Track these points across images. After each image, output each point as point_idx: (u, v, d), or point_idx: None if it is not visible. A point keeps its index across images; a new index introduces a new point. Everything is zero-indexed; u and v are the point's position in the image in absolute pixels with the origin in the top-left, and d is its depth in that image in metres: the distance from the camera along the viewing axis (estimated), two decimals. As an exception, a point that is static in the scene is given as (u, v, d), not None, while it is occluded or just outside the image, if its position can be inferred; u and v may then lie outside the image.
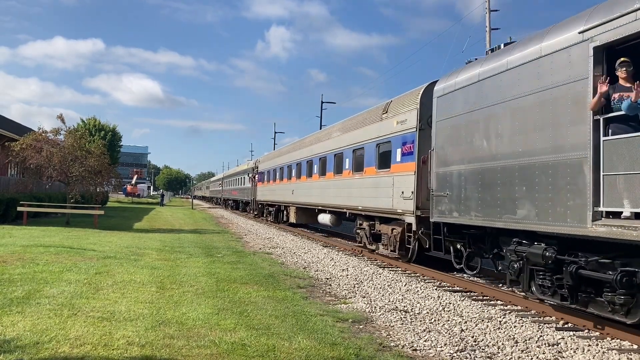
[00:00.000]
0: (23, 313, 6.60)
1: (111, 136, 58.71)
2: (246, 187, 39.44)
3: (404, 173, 12.59)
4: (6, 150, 23.63)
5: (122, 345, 5.46)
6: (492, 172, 8.50)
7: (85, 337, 5.66)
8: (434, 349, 6.11)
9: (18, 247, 13.05)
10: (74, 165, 22.01)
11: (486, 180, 8.65)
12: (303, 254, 15.03)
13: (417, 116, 12.16)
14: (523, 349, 6.24)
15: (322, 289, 9.63)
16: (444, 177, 10.08)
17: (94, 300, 7.55)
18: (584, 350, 6.26)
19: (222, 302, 7.81)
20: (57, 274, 9.53)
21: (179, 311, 7.10)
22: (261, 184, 33.05)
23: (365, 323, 7.17)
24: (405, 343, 6.27)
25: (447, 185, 9.92)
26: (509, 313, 8.10)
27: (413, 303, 8.64)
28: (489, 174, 8.58)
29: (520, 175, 7.84)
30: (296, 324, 6.76)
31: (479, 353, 5.99)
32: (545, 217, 7.25)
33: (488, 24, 28.98)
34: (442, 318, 7.65)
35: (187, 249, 14.85)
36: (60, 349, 5.26)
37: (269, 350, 5.56)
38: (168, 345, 5.53)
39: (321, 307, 7.94)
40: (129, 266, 10.88)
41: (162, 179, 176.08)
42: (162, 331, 6.06)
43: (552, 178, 7.16)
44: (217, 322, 6.59)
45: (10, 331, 5.80)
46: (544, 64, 7.47)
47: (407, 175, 12.33)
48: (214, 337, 5.91)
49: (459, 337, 6.62)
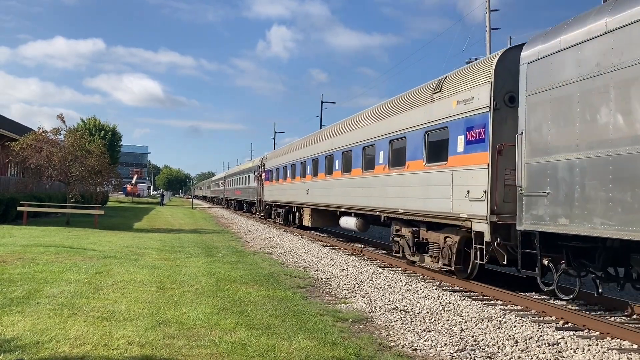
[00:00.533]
0: (23, 313, 6.60)
1: (111, 136, 58.73)
2: (251, 187, 36.69)
3: (470, 167, 9.89)
4: (6, 150, 23.62)
5: (122, 345, 5.46)
6: (636, 162, 6.20)
7: (85, 337, 5.66)
8: (434, 348, 6.11)
9: (18, 247, 13.05)
10: (74, 165, 22.03)
11: (624, 174, 6.33)
12: (303, 254, 15.02)
13: (490, 92, 9.43)
14: (523, 348, 6.24)
15: (322, 289, 9.63)
16: (542, 170, 7.73)
17: (94, 300, 7.55)
18: (584, 350, 6.26)
19: (222, 302, 7.81)
20: (57, 273, 9.53)
21: (179, 311, 7.10)
22: (269, 182, 30.06)
23: (365, 323, 7.17)
24: (405, 343, 6.27)
25: (548, 182, 7.58)
26: (509, 313, 8.10)
27: (413, 303, 8.64)
28: (630, 165, 6.26)
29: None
30: (296, 323, 6.76)
31: (479, 353, 5.99)
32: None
33: (488, 23, 28.97)
34: (442, 318, 7.65)
35: (187, 249, 14.85)
36: (60, 349, 5.26)
37: (269, 350, 5.56)
38: (168, 345, 5.53)
39: (321, 307, 7.94)
40: (129, 266, 10.88)
41: (162, 179, 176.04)
42: (162, 331, 6.06)
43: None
44: (217, 322, 6.59)
45: (10, 331, 5.80)
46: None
47: (476, 169, 9.66)
48: (214, 337, 5.91)
49: (459, 337, 6.62)
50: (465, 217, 9.90)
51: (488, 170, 9.32)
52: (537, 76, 7.98)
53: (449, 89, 11.01)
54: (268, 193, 30.10)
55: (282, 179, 26.95)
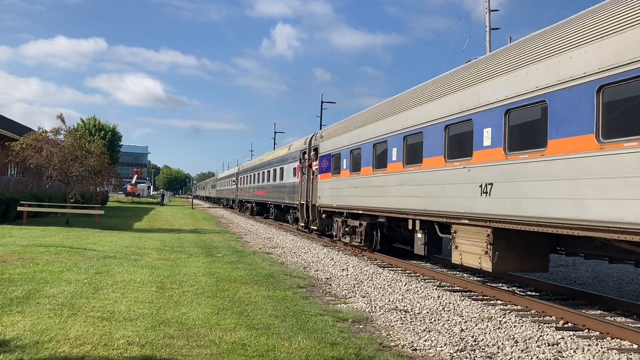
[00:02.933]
0: (23, 313, 6.60)
1: (111, 136, 58.71)
2: (288, 184, 25.09)
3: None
4: (6, 150, 23.62)
5: (122, 345, 5.46)
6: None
7: (85, 337, 5.66)
8: (434, 348, 6.11)
9: (18, 247, 13.05)
10: (74, 165, 22.04)
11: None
12: (303, 254, 15.02)
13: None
14: (523, 348, 6.24)
15: (322, 289, 9.63)
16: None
17: (94, 300, 7.54)
18: (584, 350, 6.25)
19: (222, 302, 7.81)
20: (57, 273, 9.53)
21: (178, 311, 7.10)
22: (328, 176, 18.06)
23: (365, 323, 7.17)
24: (405, 343, 6.27)
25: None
26: (509, 313, 8.10)
27: (413, 303, 8.64)
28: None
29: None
30: (296, 323, 6.76)
31: (478, 353, 5.99)
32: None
33: (488, 24, 28.97)
34: (442, 318, 7.65)
35: (187, 249, 14.85)
36: (60, 349, 5.26)
37: (269, 350, 5.56)
38: (168, 345, 5.53)
39: (321, 307, 7.94)
40: (129, 266, 10.88)
41: (162, 179, 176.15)
42: (162, 331, 6.06)
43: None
44: (217, 322, 6.59)
45: (10, 331, 5.80)
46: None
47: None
48: (214, 337, 5.91)
49: (459, 337, 6.62)
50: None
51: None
52: None
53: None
54: (329, 193, 17.91)
55: (370, 168, 14.30)
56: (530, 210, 7.74)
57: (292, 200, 23.98)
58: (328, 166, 18.18)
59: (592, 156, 6.71)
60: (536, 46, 8.10)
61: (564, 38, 7.50)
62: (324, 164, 18.70)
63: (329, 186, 17.98)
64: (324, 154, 18.80)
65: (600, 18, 6.89)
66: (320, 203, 18.65)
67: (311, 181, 20.33)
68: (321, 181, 18.82)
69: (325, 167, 18.50)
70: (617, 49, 6.46)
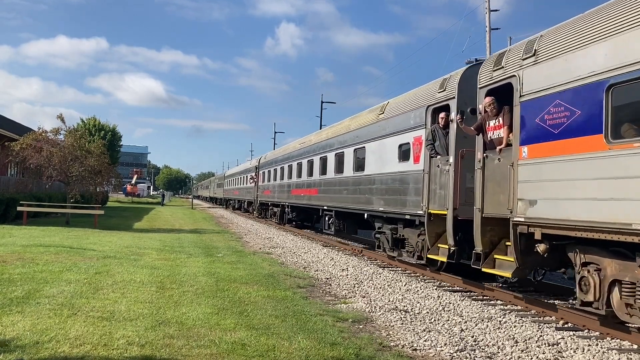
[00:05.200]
0: (23, 313, 6.60)
1: (111, 136, 58.71)
2: (389, 175, 12.90)
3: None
4: (6, 150, 23.62)
5: (122, 345, 5.46)
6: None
7: (85, 337, 5.66)
8: (434, 348, 6.11)
9: (18, 247, 13.04)
10: (74, 165, 22.03)
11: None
12: (303, 254, 15.03)
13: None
14: (523, 348, 6.24)
15: (322, 289, 9.63)
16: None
17: (94, 300, 7.54)
18: (584, 350, 6.26)
19: (222, 302, 7.81)
20: (57, 273, 9.53)
21: (178, 311, 7.10)
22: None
23: (365, 323, 7.17)
24: (405, 343, 6.27)
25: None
26: (509, 313, 8.10)
27: (413, 303, 8.64)
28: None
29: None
30: (296, 323, 6.76)
31: (478, 353, 5.99)
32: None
33: (488, 24, 28.96)
34: (442, 318, 7.65)
35: (187, 249, 14.85)
36: (60, 349, 5.26)
37: (269, 350, 5.56)
38: (168, 345, 5.53)
39: (321, 307, 7.94)
40: (129, 266, 10.88)
41: (162, 179, 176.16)
42: (162, 331, 6.06)
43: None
44: (217, 322, 6.59)
45: (10, 331, 5.79)
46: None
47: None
48: (213, 337, 5.91)
49: (459, 337, 6.62)
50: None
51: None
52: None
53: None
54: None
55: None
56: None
57: (395, 205, 12.37)
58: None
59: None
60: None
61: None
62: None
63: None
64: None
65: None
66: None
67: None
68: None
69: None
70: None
